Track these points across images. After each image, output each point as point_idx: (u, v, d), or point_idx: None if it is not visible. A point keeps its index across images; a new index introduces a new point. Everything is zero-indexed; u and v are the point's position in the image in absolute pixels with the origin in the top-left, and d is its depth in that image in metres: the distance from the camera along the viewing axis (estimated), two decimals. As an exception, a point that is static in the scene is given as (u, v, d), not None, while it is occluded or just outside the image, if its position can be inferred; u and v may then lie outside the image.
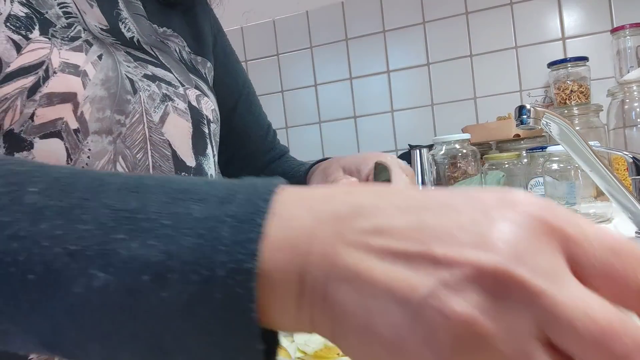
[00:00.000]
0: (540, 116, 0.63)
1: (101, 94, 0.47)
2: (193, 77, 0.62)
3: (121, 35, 0.55)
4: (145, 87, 0.52)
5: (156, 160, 0.52)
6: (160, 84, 0.54)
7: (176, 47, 0.63)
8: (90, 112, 0.46)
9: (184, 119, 0.55)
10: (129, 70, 0.51)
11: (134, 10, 0.59)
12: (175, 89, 0.56)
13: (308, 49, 1.81)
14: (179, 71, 0.59)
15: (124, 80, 0.50)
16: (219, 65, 0.74)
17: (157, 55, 0.57)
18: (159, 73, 0.55)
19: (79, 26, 0.49)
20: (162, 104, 0.53)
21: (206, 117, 0.59)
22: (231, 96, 0.76)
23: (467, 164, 1.11)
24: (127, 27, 0.56)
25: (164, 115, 0.53)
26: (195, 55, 0.66)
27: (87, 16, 0.52)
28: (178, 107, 0.55)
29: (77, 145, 0.46)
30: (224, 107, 0.75)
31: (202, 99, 0.60)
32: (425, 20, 1.65)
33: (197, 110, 0.58)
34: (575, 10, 1.49)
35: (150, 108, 0.52)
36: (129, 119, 0.49)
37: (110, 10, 0.55)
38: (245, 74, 0.81)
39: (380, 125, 1.74)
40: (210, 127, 0.61)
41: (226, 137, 0.76)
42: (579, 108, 1.29)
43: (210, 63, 0.69)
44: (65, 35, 0.47)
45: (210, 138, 0.61)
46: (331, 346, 0.48)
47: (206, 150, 0.59)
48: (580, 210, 0.91)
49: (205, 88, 0.63)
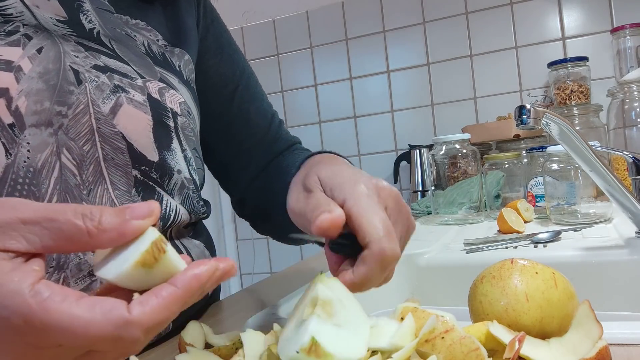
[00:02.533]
0: (540, 116, 0.63)
1: (38, 86, 0.47)
2: (159, 70, 0.60)
3: (80, 26, 0.55)
4: (93, 77, 0.51)
5: (107, 153, 0.51)
6: (112, 75, 0.53)
7: (145, 40, 0.62)
8: (26, 105, 0.46)
9: (141, 111, 0.54)
10: (75, 61, 0.51)
11: (97, 4, 0.59)
12: (132, 81, 0.55)
13: (308, 49, 1.81)
14: (140, 64, 0.58)
15: (67, 71, 0.49)
16: (212, 55, 0.74)
17: (113, 47, 0.57)
18: (112, 64, 0.54)
19: (18, 22, 0.49)
20: (113, 95, 0.52)
21: (171, 110, 0.58)
22: (227, 86, 0.75)
23: (467, 164, 1.11)
24: (88, 19, 0.56)
25: (115, 107, 0.52)
26: (172, 47, 0.66)
27: (41, 10, 0.52)
28: (134, 99, 0.53)
29: (13, 140, 0.45)
30: (221, 97, 0.74)
31: (166, 91, 0.58)
32: (425, 20, 1.65)
33: (159, 103, 0.56)
34: (575, 10, 1.49)
35: (98, 99, 0.51)
36: (72, 110, 0.49)
37: (71, 2, 0.55)
38: (244, 63, 0.78)
39: (380, 125, 1.74)
40: (177, 120, 0.59)
41: (227, 130, 0.75)
42: (579, 108, 1.29)
43: (188, 55, 0.68)
44: (2, 30, 0.47)
45: (176, 132, 0.58)
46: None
47: (171, 145, 0.57)
48: (580, 210, 0.91)
49: (174, 81, 0.62)
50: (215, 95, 0.73)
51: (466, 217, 1.07)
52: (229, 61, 0.76)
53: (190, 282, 0.29)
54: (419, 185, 1.57)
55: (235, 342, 0.41)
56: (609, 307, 0.65)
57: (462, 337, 0.32)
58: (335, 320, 0.33)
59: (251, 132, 0.76)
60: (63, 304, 0.27)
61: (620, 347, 0.37)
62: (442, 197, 1.11)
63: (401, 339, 0.33)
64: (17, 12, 0.50)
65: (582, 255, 0.70)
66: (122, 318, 0.27)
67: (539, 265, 0.38)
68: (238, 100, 0.75)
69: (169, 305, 0.29)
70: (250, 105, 0.76)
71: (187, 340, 0.43)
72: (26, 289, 0.27)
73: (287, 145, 0.78)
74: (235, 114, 0.75)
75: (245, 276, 1.94)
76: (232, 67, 0.76)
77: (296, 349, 0.30)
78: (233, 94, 0.75)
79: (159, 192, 0.55)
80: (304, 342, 0.30)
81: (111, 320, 0.27)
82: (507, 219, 0.88)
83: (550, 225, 0.92)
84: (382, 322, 0.36)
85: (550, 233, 0.82)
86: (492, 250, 0.78)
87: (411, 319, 0.34)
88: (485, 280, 0.39)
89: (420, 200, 1.42)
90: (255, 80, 0.79)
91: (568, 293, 0.37)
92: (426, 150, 1.56)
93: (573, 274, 0.65)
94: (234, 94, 0.75)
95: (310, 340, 0.30)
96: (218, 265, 0.30)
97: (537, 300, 0.36)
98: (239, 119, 0.75)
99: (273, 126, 0.78)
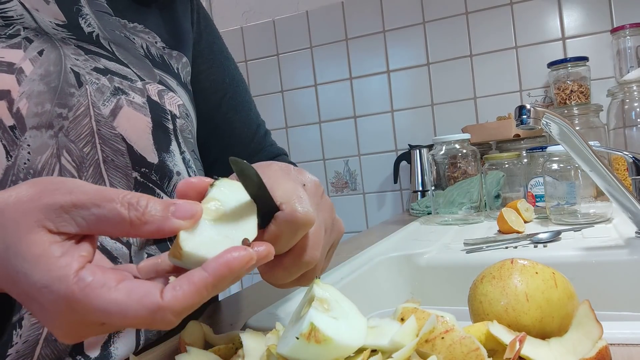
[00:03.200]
0: (540, 116, 0.63)
1: (39, 88, 0.47)
2: (158, 72, 0.61)
3: (79, 30, 0.55)
4: (93, 80, 0.51)
5: (107, 155, 0.51)
6: (112, 77, 0.53)
7: (143, 43, 0.62)
8: (28, 108, 0.46)
9: (140, 113, 0.54)
10: (76, 63, 0.51)
11: (96, 7, 0.59)
12: (132, 83, 0.55)
13: (308, 49, 1.81)
14: (139, 66, 0.58)
15: (68, 74, 0.50)
16: (204, 61, 0.74)
17: (113, 50, 0.57)
18: (112, 67, 0.54)
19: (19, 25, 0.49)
20: (113, 97, 0.52)
21: (170, 112, 0.58)
22: (216, 93, 0.75)
23: (467, 163, 1.11)
24: (87, 23, 0.56)
25: (116, 109, 0.52)
26: (170, 50, 0.66)
27: (40, 13, 0.52)
28: (134, 101, 0.54)
29: (14, 142, 0.45)
30: (208, 103, 0.74)
31: (165, 93, 0.58)
32: (425, 20, 1.65)
33: (158, 105, 0.56)
34: (575, 10, 1.49)
35: (99, 101, 0.51)
36: (73, 112, 0.49)
37: (69, 6, 0.56)
38: (234, 71, 0.79)
39: (380, 125, 1.74)
40: (176, 122, 0.59)
41: (210, 137, 0.75)
42: (579, 108, 1.29)
43: (186, 58, 0.68)
44: (3, 33, 0.48)
45: (175, 134, 0.59)
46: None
47: (170, 147, 0.57)
48: (580, 210, 0.91)
49: (173, 83, 0.62)
50: (204, 100, 0.74)
51: (466, 217, 1.07)
52: (220, 68, 0.76)
53: (220, 269, 0.30)
54: (419, 185, 1.57)
55: (235, 342, 0.41)
56: (609, 307, 0.65)
57: (462, 337, 0.32)
58: (332, 314, 0.33)
59: (235, 141, 0.77)
60: (102, 290, 0.29)
61: (620, 347, 0.37)
62: (442, 197, 1.11)
63: (402, 338, 0.33)
64: (17, 14, 0.50)
65: (582, 255, 0.70)
66: (155, 304, 0.29)
67: (539, 265, 0.38)
68: (224, 108, 0.76)
69: (200, 291, 0.30)
70: (235, 114, 0.77)
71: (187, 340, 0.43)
72: (71, 276, 0.29)
73: (270, 155, 0.79)
74: (221, 121, 0.76)
75: (245, 276, 1.94)
76: (222, 74, 0.76)
77: (295, 335, 0.31)
78: (220, 102, 0.75)
79: (158, 194, 0.56)
80: (303, 328, 0.31)
81: (145, 306, 0.29)
82: (507, 219, 0.88)
83: (550, 225, 0.92)
84: (383, 323, 0.36)
85: (550, 233, 0.82)
86: (492, 250, 0.78)
87: (413, 320, 0.34)
88: (485, 280, 0.39)
89: (420, 200, 1.42)
90: (244, 88, 0.79)
91: (568, 293, 0.37)
92: (426, 150, 1.56)
93: (573, 274, 0.66)
94: (221, 101, 0.75)
95: (309, 325, 0.30)
96: (252, 255, 0.31)
97: (537, 300, 0.36)
98: (225, 126, 0.76)
99: (257, 137, 0.79)
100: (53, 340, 0.46)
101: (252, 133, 0.78)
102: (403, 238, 0.96)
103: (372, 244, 0.90)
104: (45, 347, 0.46)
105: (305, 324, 0.31)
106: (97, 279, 0.30)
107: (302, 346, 0.31)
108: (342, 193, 1.80)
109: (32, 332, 0.45)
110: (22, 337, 0.45)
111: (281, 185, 0.37)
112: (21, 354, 0.45)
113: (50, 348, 0.46)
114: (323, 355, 0.31)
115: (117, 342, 0.50)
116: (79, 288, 0.29)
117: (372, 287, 0.74)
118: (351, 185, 1.79)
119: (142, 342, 0.53)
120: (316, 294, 0.34)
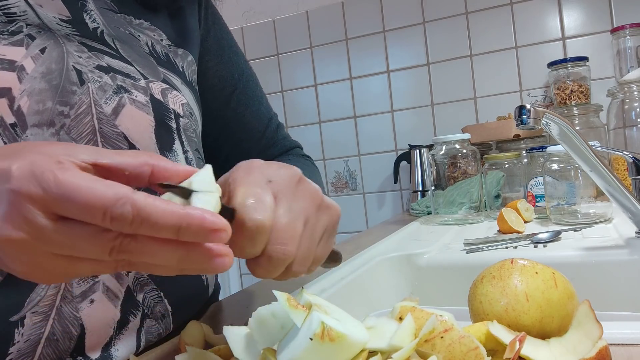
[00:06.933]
0: (540, 116, 0.63)
1: (41, 86, 0.47)
2: (162, 71, 0.60)
3: (83, 26, 0.55)
4: (95, 78, 0.51)
5: None
6: (115, 75, 0.53)
7: (149, 41, 0.62)
8: (29, 105, 0.46)
9: (143, 111, 0.53)
10: (78, 61, 0.51)
11: (101, 4, 0.58)
12: (135, 81, 0.54)
13: (308, 49, 1.81)
14: (143, 64, 0.58)
15: (70, 71, 0.49)
16: (212, 57, 0.73)
17: (117, 47, 0.56)
18: (115, 65, 0.54)
19: (21, 22, 0.49)
20: (116, 95, 0.52)
21: (173, 111, 0.57)
22: (225, 89, 0.74)
23: (467, 163, 1.11)
24: (92, 18, 0.56)
25: (118, 107, 0.51)
26: (176, 48, 0.65)
27: (44, 9, 0.52)
28: (136, 100, 0.53)
29: (15, 140, 0.45)
30: (218, 100, 0.74)
31: (169, 92, 0.58)
32: (425, 20, 1.65)
33: (162, 104, 0.56)
34: (575, 10, 1.49)
35: (101, 99, 0.50)
36: (74, 110, 0.49)
37: (74, 1, 0.55)
38: (244, 66, 0.78)
39: (380, 125, 1.74)
40: (180, 121, 0.58)
41: (221, 134, 0.74)
42: (579, 108, 1.29)
43: (192, 56, 0.68)
44: (5, 30, 0.47)
45: (178, 133, 0.58)
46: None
47: (173, 146, 0.57)
48: (580, 210, 0.91)
49: (177, 82, 0.62)
50: (213, 97, 0.73)
51: (466, 217, 1.07)
52: (229, 64, 0.75)
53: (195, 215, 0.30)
54: (419, 185, 1.57)
55: (235, 342, 0.41)
56: (609, 307, 0.65)
57: (461, 337, 0.32)
58: (332, 316, 0.33)
59: (247, 136, 0.76)
60: (78, 173, 0.30)
61: (620, 347, 0.37)
62: (442, 197, 1.11)
63: (401, 339, 0.33)
64: (20, 11, 0.50)
65: (582, 255, 0.70)
66: (125, 192, 0.29)
67: (539, 265, 0.38)
68: (234, 103, 0.75)
69: (166, 214, 0.30)
70: (246, 109, 0.76)
71: (187, 341, 0.43)
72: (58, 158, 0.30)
73: (283, 149, 0.78)
74: (231, 117, 0.75)
75: (245, 276, 1.94)
76: (231, 70, 0.76)
77: (309, 336, 0.31)
78: (230, 97, 0.75)
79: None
80: (315, 329, 0.31)
81: (114, 189, 0.29)
82: (507, 219, 0.88)
83: (550, 225, 0.92)
84: (382, 322, 0.36)
85: (550, 233, 0.82)
86: (492, 250, 0.78)
87: (410, 319, 0.34)
88: (485, 280, 0.39)
89: (420, 200, 1.42)
90: (254, 82, 0.79)
91: (568, 293, 0.37)
92: (426, 150, 1.56)
93: (573, 274, 0.65)
94: (230, 97, 0.75)
95: (320, 325, 0.31)
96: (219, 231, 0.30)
97: (537, 300, 0.36)
98: (235, 122, 0.75)
99: (269, 130, 0.78)
100: (55, 340, 0.46)
101: (263, 127, 0.77)
102: (403, 238, 0.96)
103: (372, 244, 0.90)
104: (46, 347, 0.46)
105: (316, 325, 0.31)
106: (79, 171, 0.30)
107: (316, 347, 0.31)
108: (342, 193, 1.80)
109: (34, 331, 0.45)
110: (24, 335, 0.45)
111: (239, 189, 0.37)
112: (22, 352, 0.45)
113: (52, 348, 0.46)
114: (338, 353, 0.31)
115: (118, 344, 0.50)
116: (57, 167, 0.30)
117: (372, 287, 0.74)
118: (351, 185, 1.79)
119: (143, 344, 0.53)
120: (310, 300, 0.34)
